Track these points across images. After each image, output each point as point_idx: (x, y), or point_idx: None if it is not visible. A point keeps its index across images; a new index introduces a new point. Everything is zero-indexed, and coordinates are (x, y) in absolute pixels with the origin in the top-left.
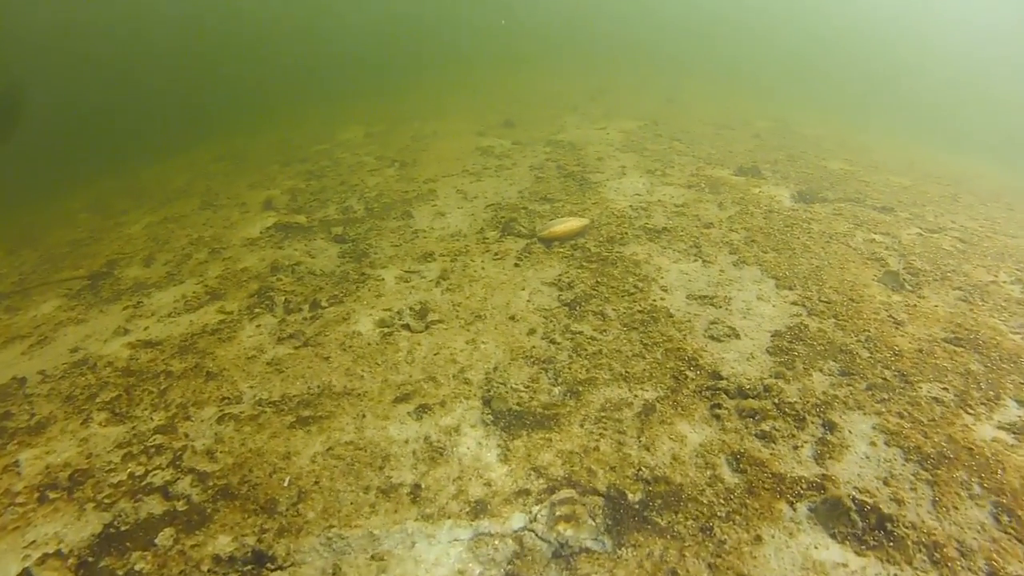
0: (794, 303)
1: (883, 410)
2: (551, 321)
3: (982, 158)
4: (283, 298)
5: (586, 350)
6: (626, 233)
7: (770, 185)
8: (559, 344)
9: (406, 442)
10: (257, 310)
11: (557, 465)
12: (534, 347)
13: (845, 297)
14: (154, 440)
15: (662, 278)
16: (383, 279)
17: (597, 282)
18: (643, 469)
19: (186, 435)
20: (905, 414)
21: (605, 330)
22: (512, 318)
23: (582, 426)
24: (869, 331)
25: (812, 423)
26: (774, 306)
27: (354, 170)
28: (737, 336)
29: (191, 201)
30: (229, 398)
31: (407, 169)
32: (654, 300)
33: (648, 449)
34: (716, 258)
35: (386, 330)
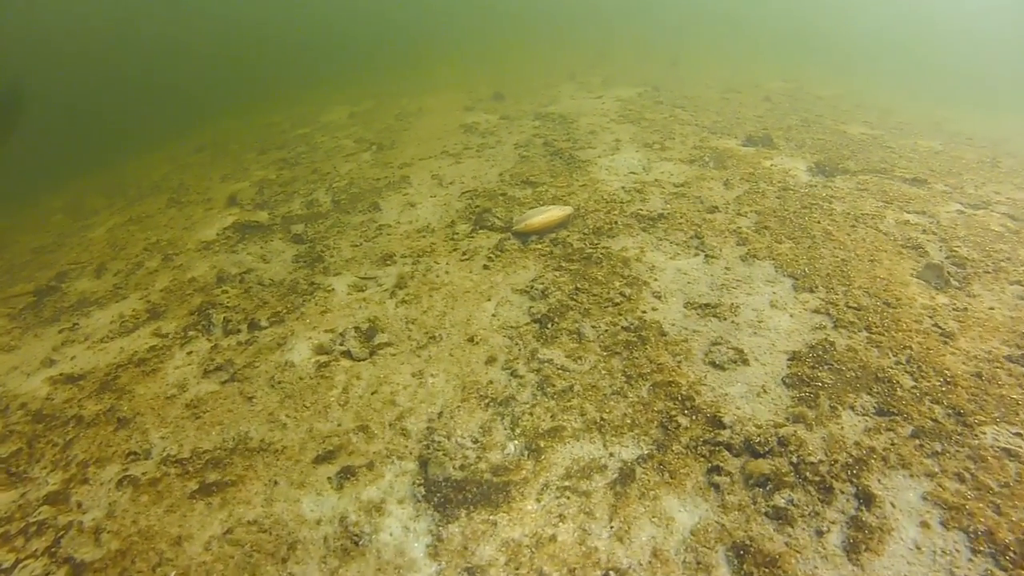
0: (816, 311)
1: (936, 469)
2: (516, 344)
3: (1008, 115)
4: (223, 316)
5: (554, 386)
6: (615, 222)
7: (784, 156)
8: (522, 378)
9: (319, 523)
10: (192, 333)
11: (500, 564)
12: (491, 382)
13: (878, 301)
14: (39, 514)
15: (655, 280)
16: (333, 289)
17: (576, 288)
18: (611, 573)
19: (78, 505)
20: (966, 476)
21: (580, 357)
22: (471, 339)
23: (538, 501)
24: (911, 348)
25: (842, 493)
26: (791, 316)
27: (330, 155)
28: (745, 361)
29: (160, 198)
30: (136, 453)
31: (384, 152)
32: (643, 312)
33: (621, 539)
34: (721, 251)
35: (323, 359)
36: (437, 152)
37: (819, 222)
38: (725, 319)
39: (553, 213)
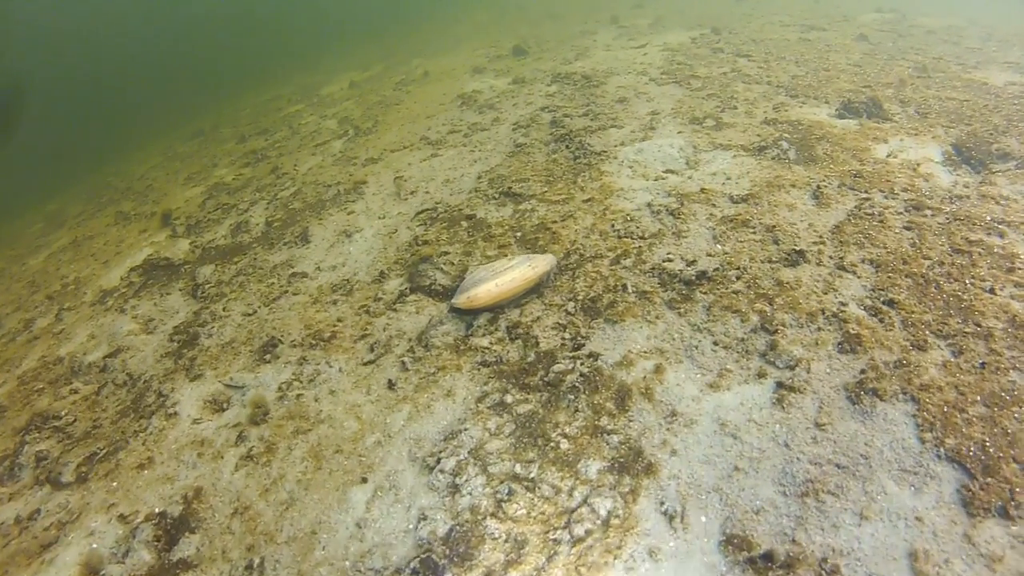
0: None
1: None
2: None
3: None
4: (37, 451)
5: None
6: (623, 287)
7: (904, 135)
8: None
9: None
10: None
11: None
12: None
13: None
14: None
15: (673, 456)
16: (176, 413)
17: (515, 477)
18: None
19: None
20: None
21: None
22: None
23: None
24: None
25: None
26: None
27: (303, 144)
28: None
29: (114, 209)
30: None
31: (359, 140)
32: (631, 567)
33: None
34: (809, 371)
35: None
36: (416, 139)
37: (995, 288)
38: None
39: (515, 278)
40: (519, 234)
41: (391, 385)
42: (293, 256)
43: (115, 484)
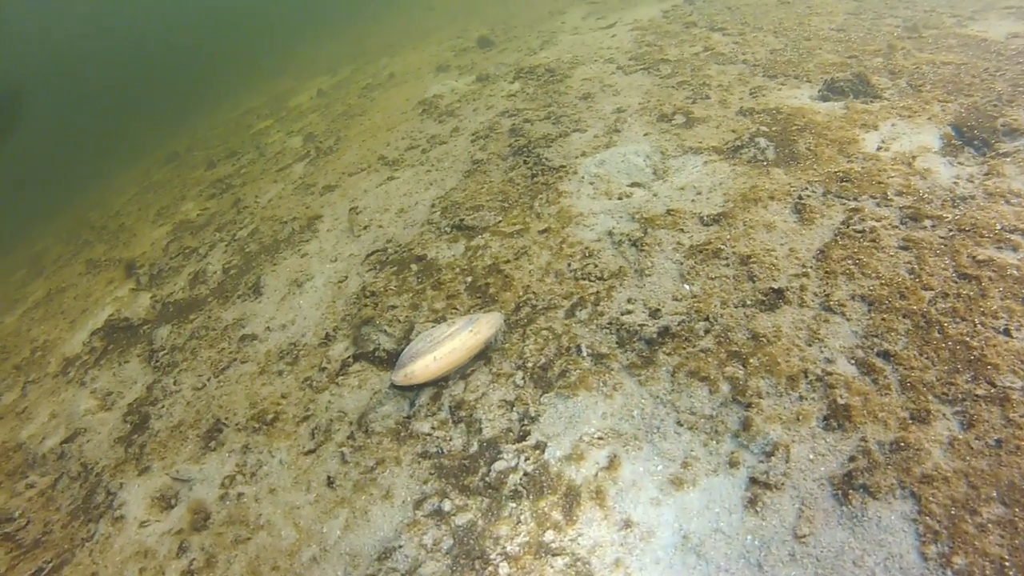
0: None
1: None
2: None
3: None
4: None
5: None
6: (575, 346)
7: (896, 117)
8: None
9: None
10: None
11: None
12: None
13: None
14: None
15: None
16: (123, 516)
17: None
18: None
19: None
20: None
21: None
22: None
23: None
24: None
25: None
26: None
27: (266, 169)
28: None
29: (84, 257)
30: None
31: (319, 163)
32: None
33: None
34: (788, 462)
35: None
36: (374, 160)
37: (1010, 329)
38: None
39: (455, 348)
40: (470, 279)
41: (330, 482)
42: (245, 313)
43: None
